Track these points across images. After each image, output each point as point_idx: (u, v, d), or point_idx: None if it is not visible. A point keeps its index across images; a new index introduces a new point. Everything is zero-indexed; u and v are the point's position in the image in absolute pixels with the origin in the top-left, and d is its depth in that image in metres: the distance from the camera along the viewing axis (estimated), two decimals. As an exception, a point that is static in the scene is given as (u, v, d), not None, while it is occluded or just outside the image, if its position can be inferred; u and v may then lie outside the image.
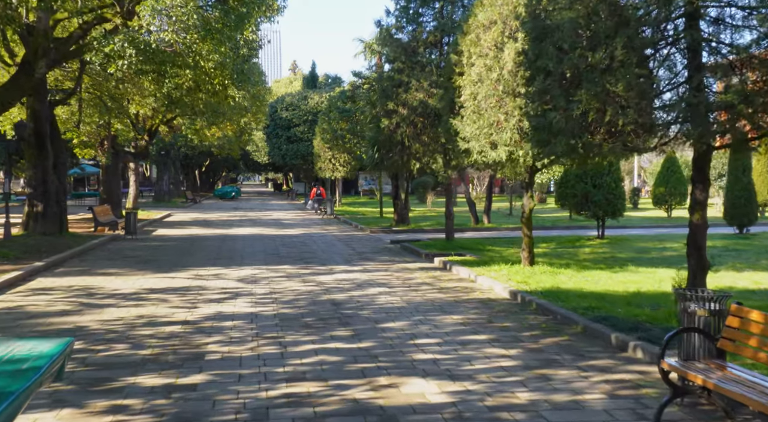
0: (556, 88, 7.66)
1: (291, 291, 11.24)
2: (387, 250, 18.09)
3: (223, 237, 21.59)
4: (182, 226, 26.71)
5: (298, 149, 53.65)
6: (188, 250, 17.64)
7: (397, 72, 17.55)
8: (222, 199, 56.44)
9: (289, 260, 15.70)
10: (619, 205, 18.45)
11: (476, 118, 12.45)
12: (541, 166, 12.99)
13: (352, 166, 39.74)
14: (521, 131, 12.01)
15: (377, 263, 15.22)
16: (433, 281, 12.47)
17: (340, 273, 13.44)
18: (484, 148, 12.40)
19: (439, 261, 14.96)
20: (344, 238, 21.75)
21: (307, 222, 29.66)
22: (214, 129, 31.17)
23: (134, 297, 10.54)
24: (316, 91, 56.19)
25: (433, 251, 16.64)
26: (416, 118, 17.16)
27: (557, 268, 13.15)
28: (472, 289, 11.52)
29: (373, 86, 23.30)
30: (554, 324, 8.70)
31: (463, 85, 12.80)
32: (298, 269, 14.10)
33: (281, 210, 40.97)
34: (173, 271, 13.58)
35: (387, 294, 11.04)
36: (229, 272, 13.58)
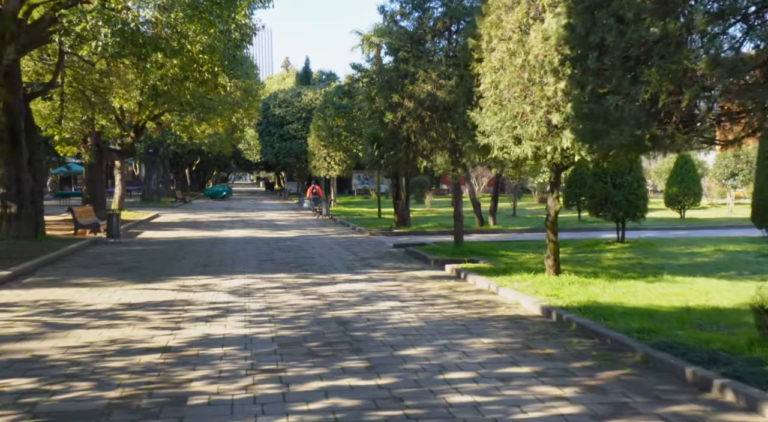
0: (617, 66, 6.28)
1: (290, 307, 9.82)
2: (391, 255, 16.69)
3: (213, 241, 20.13)
4: (170, 228, 25.20)
5: (291, 147, 52.14)
6: (175, 256, 16.18)
7: (402, 62, 16.14)
8: (213, 198, 54.87)
9: (286, 267, 14.27)
10: (641, 207, 17.11)
11: (498, 109, 11.06)
12: (567, 164, 11.63)
13: (347, 165, 38.37)
14: (549, 124, 10.65)
15: (383, 271, 13.82)
16: (449, 293, 11.08)
17: (344, 284, 12.03)
18: (506, 144, 11.02)
19: (451, 269, 13.57)
20: (343, 241, 20.33)
21: (302, 224, 28.22)
22: (204, 125, 29.67)
23: (108, 315, 9.09)
24: (310, 87, 54.65)
25: (442, 257, 15.25)
26: (423, 112, 15.76)
27: (585, 278, 11.79)
28: (496, 303, 10.13)
29: (372, 79, 21.91)
30: (605, 350, 7.32)
31: (482, 73, 11.41)
32: (296, 278, 12.68)
33: (274, 210, 39.49)
34: (156, 281, 12.13)
35: (400, 310, 9.64)
36: (219, 282, 12.14)
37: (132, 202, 44.36)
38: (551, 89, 10.41)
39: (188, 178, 68.83)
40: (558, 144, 10.54)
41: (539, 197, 45.57)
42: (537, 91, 10.54)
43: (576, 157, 10.70)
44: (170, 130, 33.89)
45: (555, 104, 10.53)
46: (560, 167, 11.92)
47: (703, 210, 30.90)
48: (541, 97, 10.49)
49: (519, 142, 10.98)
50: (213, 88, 14.02)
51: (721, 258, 14.94)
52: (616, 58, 6.29)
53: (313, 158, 39.27)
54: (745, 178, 30.46)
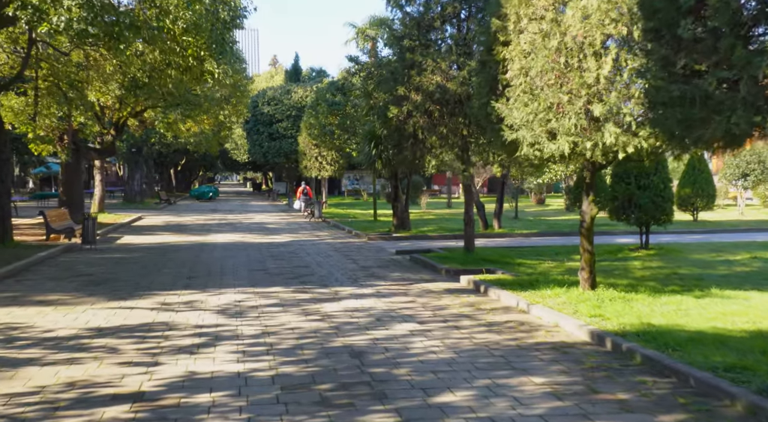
0: (725, 33, 4.81)
1: (290, 331, 8.28)
2: (396, 264, 15.18)
3: (199, 247, 18.52)
4: (153, 232, 23.54)
5: (281, 147, 50.44)
6: (156, 265, 14.57)
7: (408, 51, 14.63)
8: (199, 199, 53.06)
9: (281, 278, 12.72)
10: (668, 210, 15.71)
11: (528, 99, 9.58)
12: (605, 162, 10.18)
13: (339, 165, 36.82)
14: (589, 116, 9.21)
15: (390, 283, 12.31)
16: (473, 312, 9.58)
17: (350, 299, 10.50)
18: (539, 139, 9.54)
19: (468, 281, 12.08)
20: (340, 247, 18.79)
21: (293, 227, 26.64)
22: (190, 123, 27.99)
23: (71, 345, 7.50)
24: (300, 84, 52.95)
25: (454, 266, 13.77)
26: (432, 106, 14.25)
27: (624, 292, 10.34)
28: (532, 326, 8.65)
29: (371, 73, 20.38)
30: (691, 395, 5.85)
31: (509, 58, 9.92)
32: (295, 293, 11.14)
33: (263, 212, 37.85)
34: (133, 298, 10.53)
35: (421, 334, 8.13)
36: (205, 298, 10.56)
37: (115, 203, 42.54)
38: (592, 76, 8.97)
39: (174, 178, 66.92)
40: (599, 139, 9.09)
41: (537, 198, 44.30)
42: (575, 78, 9.08)
43: (620, 155, 9.26)
44: (153, 128, 32.16)
45: (596, 93, 9.08)
46: (596, 166, 10.47)
47: (711, 211, 29.63)
48: (580, 85, 9.04)
49: (553, 137, 9.52)
50: (199, 76, 12.46)
51: (762, 266, 13.56)
52: (724, 22, 4.82)
53: (303, 158, 37.67)
54: (757, 179, 29.23)
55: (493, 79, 10.44)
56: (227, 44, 12.87)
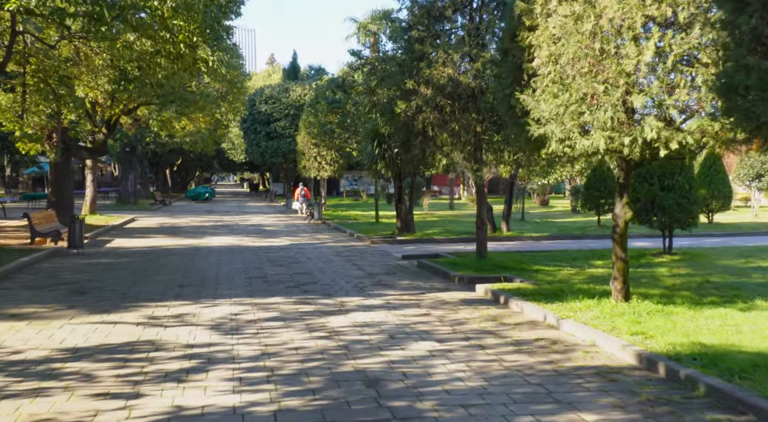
0: None
1: (293, 352, 7.27)
2: (403, 270, 14.18)
3: (193, 251, 17.49)
4: (145, 235, 22.50)
5: (278, 146, 49.37)
6: (146, 271, 13.54)
7: (417, 41, 13.63)
8: (195, 200, 51.95)
9: (281, 287, 11.71)
10: (694, 213, 14.74)
11: (558, 90, 8.59)
12: (642, 159, 9.20)
13: (339, 165, 35.81)
14: (628, 109, 8.24)
15: (400, 292, 11.31)
16: (496, 327, 8.59)
17: (358, 312, 9.50)
18: (570, 134, 8.56)
19: (485, 291, 11.09)
20: (343, 251, 17.78)
21: (292, 229, 25.62)
22: (185, 121, 26.94)
23: (39, 372, 6.49)
24: (298, 82, 51.87)
25: (467, 273, 12.78)
26: (443, 101, 13.26)
27: (660, 304, 9.37)
28: (566, 345, 7.65)
29: (374, 68, 19.41)
30: (779, 437, 4.88)
31: (536, 45, 8.93)
32: (296, 304, 10.13)
33: (260, 213, 36.82)
34: (118, 310, 9.52)
35: (442, 356, 7.14)
36: (198, 311, 9.54)
37: (108, 204, 41.45)
38: (631, 63, 8.00)
39: (169, 178, 65.82)
40: (638, 134, 8.12)
41: (540, 199, 43.35)
42: (612, 66, 8.11)
43: (662, 152, 8.29)
44: (147, 127, 31.11)
45: (636, 82, 8.13)
46: (631, 164, 9.49)
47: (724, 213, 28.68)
48: (617, 74, 8.06)
49: (586, 132, 8.54)
50: (191, 64, 11.42)
51: (800, 274, 12.61)
52: None
53: (302, 158, 36.64)
54: (771, 179, 28.30)
55: (517, 68, 9.45)
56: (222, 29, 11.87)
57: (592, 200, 23.37)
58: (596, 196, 23.24)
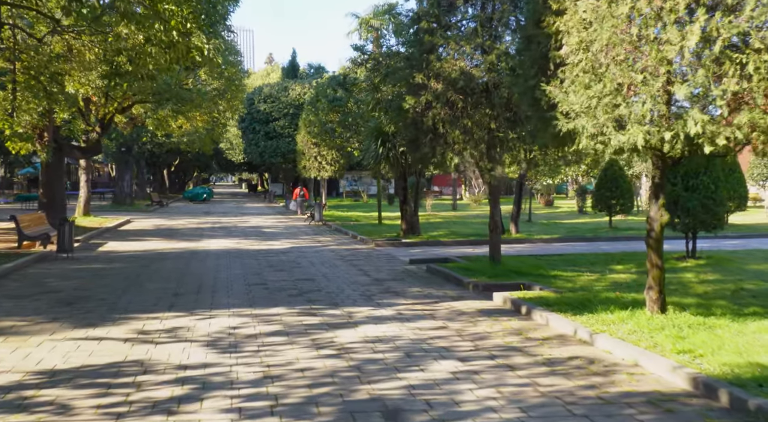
0: None
1: (300, 375, 6.43)
2: (412, 276, 13.36)
3: (189, 255, 16.65)
4: (140, 237, 21.66)
5: (278, 146, 48.50)
6: (139, 278, 12.70)
7: (427, 33, 12.81)
8: (192, 201, 51.09)
9: (283, 296, 10.88)
10: (720, 214, 13.93)
11: (590, 80, 7.77)
12: (680, 157, 8.39)
13: (340, 165, 35.00)
14: (669, 100, 7.43)
15: (411, 301, 10.48)
16: (522, 343, 7.76)
17: (368, 325, 8.67)
18: (603, 129, 7.73)
19: (503, 300, 10.26)
20: (346, 255, 16.95)
21: (292, 231, 24.79)
22: (181, 120, 26.09)
23: (8, 402, 5.65)
24: (297, 81, 51.00)
25: (481, 279, 11.96)
26: (454, 96, 12.43)
27: (699, 315, 8.55)
28: (605, 365, 6.82)
29: (378, 63, 18.60)
30: None
31: (564, 31, 8.11)
32: (300, 315, 9.30)
33: (259, 215, 35.99)
34: (105, 323, 8.68)
35: (467, 378, 6.31)
36: (193, 324, 8.71)
37: (104, 205, 40.60)
38: (674, 49, 7.17)
39: (167, 179, 64.97)
40: (680, 129, 7.30)
41: (545, 200, 42.56)
42: (652, 53, 7.28)
43: (707, 148, 7.47)
44: (143, 126, 30.26)
45: (680, 71, 7.31)
46: (667, 163, 8.67)
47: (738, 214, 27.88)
48: (658, 61, 7.23)
49: (621, 127, 7.72)
50: (185, 53, 10.59)
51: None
52: None
53: (302, 158, 35.82)
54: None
55: (542, 57, 8.62)
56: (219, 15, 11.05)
57: (604, 201, 22.56)
58: (607, 196, 22.43)
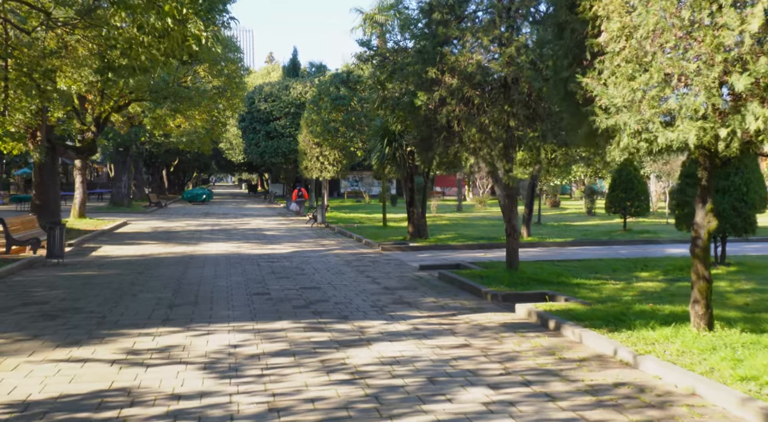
0: None
1: (310, 407, 5.59)
2: (424, 284, 12.52)
3: (187, 261, 15.81)
4: (136, 240, 20.82)
5: (278, 146, 47.63)
6: (132, 287, 11.86)
7: (440, 24, 11.98)
8: (191, 202, 50.26)
9: (288, 307, 10.03)
10: (751, 218, 13.11)
11: (634, 70, 6.94)
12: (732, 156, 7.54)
13: (343, 165, 34.18)
14: (726, 92, 6.61)
15: (427, 313, 9.65)
16: (559, 366, 6.91)
17: (382, 343, 7.83)
18: (648, 125, 6.90)
19: (527, 312, 9.43)
20: (352, 260, 16.12)
21: (294, 234, 23.95)
22: (180, 119, 25.26)
23: (-30, 442, 4.83)
24: (299, 80, 50.14)
25: (500, 288, 11.12)
26: (471, 91, 11.60)
27: (749, 332, 7.71)
28: (657, 393, 5.98)
29: (385, 59, 17.77)
30: None
31: (604, 15, 7.27)
32: (307, 330, 8.46)
33: (260, 216, 35.15)
34: (92, 341, 7.83)
35: (503, 411, 5.48)
36: (189, 342, 7.86)
37: (101, 206, 39.76)
38: (732, 34, 6.35)
39: (166, 180, 64.14)
40: (737, 125, 6.47)
41: (551, 201, 41.70)
42: (707, 39, 6.44)
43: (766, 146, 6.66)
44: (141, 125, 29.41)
45: (739, 59, 6.48)
46: (716, 163, 7.85)
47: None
48: (714, 48, 6.40)
49: (669, 123, 6.89)
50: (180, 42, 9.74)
51: None
52: None
53: (304, 158, 34.99)
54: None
55: (576, 46, 7.77)
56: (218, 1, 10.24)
57: (618, 202, 21.71)
58: (622, 197, 21.59)
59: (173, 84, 22.41)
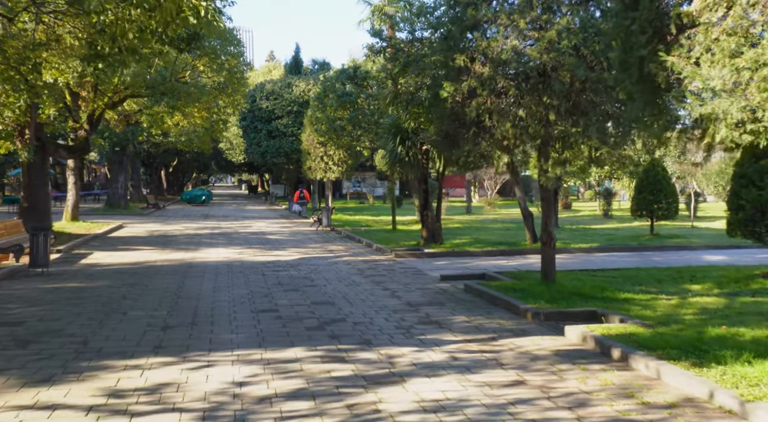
0: None
1: (342, 483, 4.23)
2: (450, 298, 11.15)
3: (185, 269, 14.44)
4: (131, 246, 19.45)
5: (280, 145, 46.22)
6: (122, 302, 10.49)
7: (469, 5, 10.63)
8: (190, 203, 48.90)
9: (300, 328, 8.66)
10: None
11: (737, 46, 5.58)
12: None
13: (348, 165, 32.85)
14: None
15: (461, 336, 8.28)
16: (644, 413, 5.55)
17: (418, 378, 6.45)
18: (757, 113, 5.53)
19: (581, 336, 8.06)
20: (365, 269, 14.75)
21: (299, 238, 22.58)
22: (178, 116, 23.90)
23: None
24: (301, 77, 48.74)
25: (542, 305, 9.75)
26: (505, 82, 10.25)
27: None
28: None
29: (400, 52, 16.43)
30: None
31: (697, -20, 5.92)
32: (325, 360, 7.08)
33: (262, 218, 33.78)
34: (67, 377, 6.46)
35: (600, 490, 4.10)
36: (184, 378, 6.49)
37: (97, 208, 38.38)
38: None
39: (165, 180, 62.74)
40: None
41: (563, 202, 40.32)
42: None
43: None
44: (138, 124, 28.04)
45: None
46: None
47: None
48: None
49: (781, 112, 5.53)
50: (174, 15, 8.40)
51: None
52: None
53: (307, 158, 33.63)
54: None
55: (657, 18, 6.39)
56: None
57: (645, 205, 20.35)
58: (650, 200, 20.23)
59: (171, 79, 21.05)
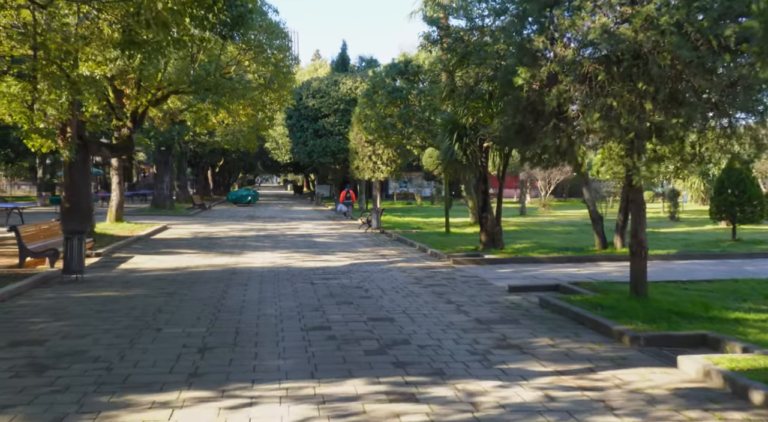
0: None
1: None
2: (523, 313, 9.76)
3: (228, 276, 13.38)
4: (173, 249, 18.56)
5: (327, 145, 45.24)
6: (156, 317, 9.40)
7: (550, -20, 9.25)
8: (236, 204, 48.38)
9: (358, 352, 7.40)
10: None
11: None
12: None
13: (397, 165, 31.61)
14: None
15: (551, 365, 6.89)
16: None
17: (513, 431, 5.12)
18: None
19: (703, 370, 6.59)
20: (422, 277, 13.45)
21: (348, 241, 21.42)
22: (223, 113, 23.01)
23: None
24: (348, 75, 47.70)
25: (638, 326, 8.28)
26: (593, 66, 8.84)
27: None
28: None
29: (458, 40, 15.13)
30: None
31: None
32: (392, 399, 5.79)
33: (308, 220, 32.78)
34: (81, 417, 5.33)
35: None
36: (223, 420, 5.30)
37: (144, 208, 38.02)
38: None
39: (211, 180, 62.59)
40: None
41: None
42: None
43: None
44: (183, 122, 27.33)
45: None
46: None
47: None
48: None
49: None
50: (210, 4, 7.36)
51: None
52: None
53: (355, 157, 32.51)
54: None
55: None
56: None
57: (727, 208, 18.53)
58: (732, 202, 18.41)
59: (215, 74, 20.13)
